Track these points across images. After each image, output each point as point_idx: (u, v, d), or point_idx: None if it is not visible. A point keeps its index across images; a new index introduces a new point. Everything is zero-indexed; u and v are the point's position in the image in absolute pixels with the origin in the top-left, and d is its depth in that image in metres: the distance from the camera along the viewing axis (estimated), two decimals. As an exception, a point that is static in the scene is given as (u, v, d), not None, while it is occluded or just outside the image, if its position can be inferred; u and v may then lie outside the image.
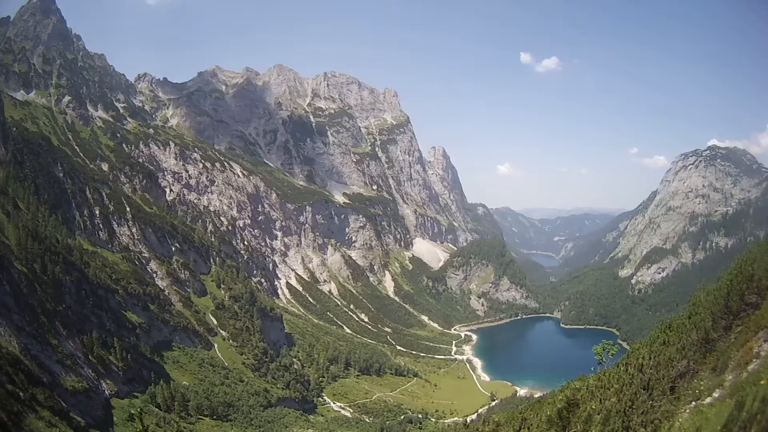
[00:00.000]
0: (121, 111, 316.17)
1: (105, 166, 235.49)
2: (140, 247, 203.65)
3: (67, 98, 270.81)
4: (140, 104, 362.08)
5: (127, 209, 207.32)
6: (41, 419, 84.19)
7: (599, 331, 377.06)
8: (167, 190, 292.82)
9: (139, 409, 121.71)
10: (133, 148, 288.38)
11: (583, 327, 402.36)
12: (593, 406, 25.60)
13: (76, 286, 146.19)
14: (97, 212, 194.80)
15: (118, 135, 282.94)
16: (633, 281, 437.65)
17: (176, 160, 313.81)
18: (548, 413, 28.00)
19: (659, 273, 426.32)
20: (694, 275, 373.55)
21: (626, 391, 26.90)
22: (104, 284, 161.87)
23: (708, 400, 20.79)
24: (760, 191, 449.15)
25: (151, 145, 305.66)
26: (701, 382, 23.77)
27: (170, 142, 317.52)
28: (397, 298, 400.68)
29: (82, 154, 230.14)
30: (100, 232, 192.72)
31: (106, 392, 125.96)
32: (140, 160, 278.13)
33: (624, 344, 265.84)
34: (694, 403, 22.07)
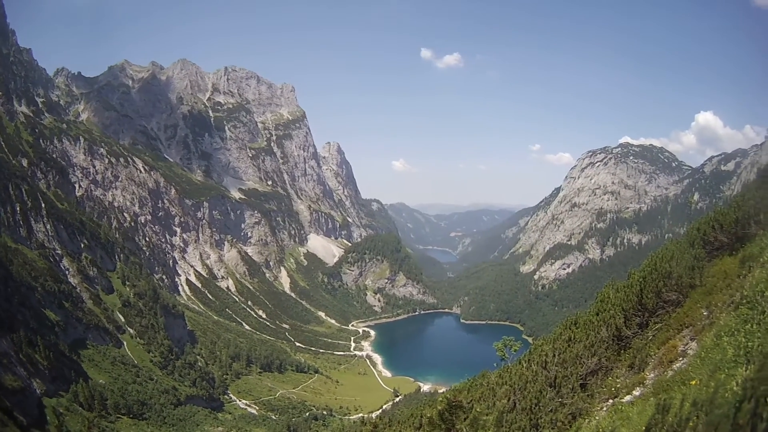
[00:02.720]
0: (40, 106, 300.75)
1: (25, 162, 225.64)
2: (54, 243, 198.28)
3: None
4: (56, 99, 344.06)
5: (43, 206, 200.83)
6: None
7: (502, 326, 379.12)
8: (77, 186, 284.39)
9: (59, 413, 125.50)
10: (48, 143, 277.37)
11: (484, 322, 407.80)
12: (478, 409, 24.49)
13: (3, 283, 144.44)
14: (18, 209, 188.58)
15: (37, 130, 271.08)
16: (536, 277, 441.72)
17: (85, 155, 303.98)
18: (429, 415, 27.12)
19: (564, 269, 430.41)
20: (603, 271, 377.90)
21: (531, 389, 26.51)
22: (26, 282, 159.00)
23: (627, 398, 20.12)
24: (680, 188, 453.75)
25: (63, 140, 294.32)
26: (617, 380, 23.44)
27: (80, 137, 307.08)
28: (293, 294, 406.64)
29: (6, 150, 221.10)
30: (20, 228, 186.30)
31: (37, 391, 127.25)
32: (54, 155, 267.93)
33: (530, 339, 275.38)
34: (611, 400, 21.59)
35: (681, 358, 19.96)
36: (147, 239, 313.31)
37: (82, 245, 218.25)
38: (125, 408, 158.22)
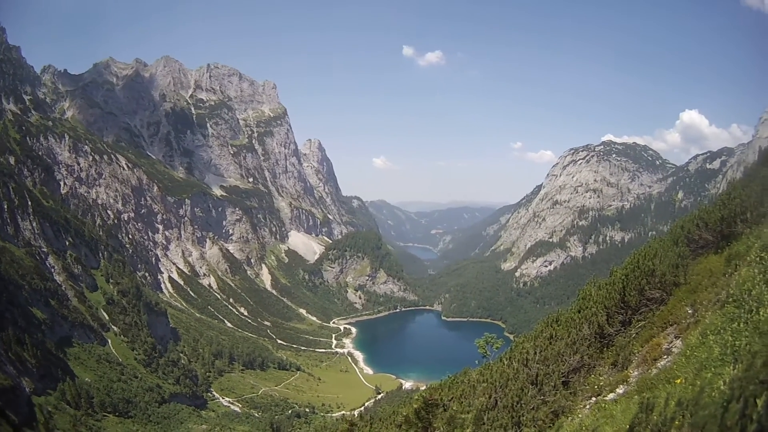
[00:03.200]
0: (28, 104, 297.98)
1: (12, 160, 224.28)
2: (40, 241, 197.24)
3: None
4: (43, 96, 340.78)
5: (29, 203, 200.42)
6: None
7: (484, 323, 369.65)
8: (61, 183, 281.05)
9: (48, 411, 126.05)
10: (35, 141, 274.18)
11: (465, 320, 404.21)
12: (455, 407, 24.33)
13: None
14: (6, 207, 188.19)
15: (24, 128, 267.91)
16: (517, 274, 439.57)
17: (70, 152, 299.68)
18: (404, 413, 26.93)
19: (546, 266, 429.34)
20: (585, 268, 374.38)
21: (512, 386, 25.74)
22: (14, 280, 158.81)
23: (610, 396, 19.85)
24: (664, 186, 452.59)
25: (49, 137, 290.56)
26: (600, 378, 23.26)
27: (65, 134, 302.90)
28: (274, 292, 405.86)
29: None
30: (7, 226, 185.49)
31: (27, 389, 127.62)
32: (40, 153, 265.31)
33: (511, 337, 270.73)
34: (594, 398, 21.26)
35: (665, 356, 19.90)
36: (130, 237, 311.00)
37: (67, 243, 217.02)
38: (111, 406, 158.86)
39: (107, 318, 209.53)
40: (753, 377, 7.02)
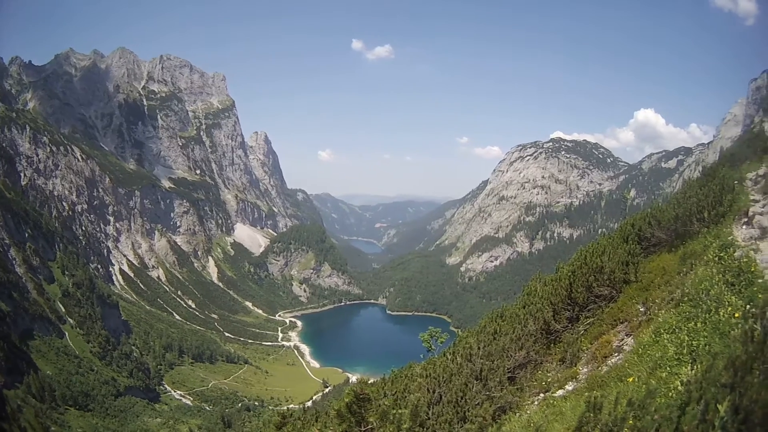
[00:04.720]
0: None
1: None
2: (2, 233, 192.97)
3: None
4: (9, 87, 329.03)
5: None
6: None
7: (429, 317, 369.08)
8: (22, 175, 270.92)
9: (18, 405, 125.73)
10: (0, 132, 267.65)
11: (411, 313, 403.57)
12: (387, 402, 21.11)
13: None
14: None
15: None
16: (462, 269, 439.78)
17: (30, 144, 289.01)
18: (336, 408, 22.15)
19: (492, 261, 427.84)
20: (532, 264, 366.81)
21: (456, 381, 24.81)
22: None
23: (559, 392, 19.60)
24: (615, 184, 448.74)
25: (12, 129, 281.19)
26: (548, 374, 23.00)
27: (27, 125, 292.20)
28: (221, 284, 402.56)
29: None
30: None
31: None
32: (4, 144, 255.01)
33: (458, 331, 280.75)
34: (542, 395, 21.06)
35: (616, 354, 19.39)
36: (83, 228, 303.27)
37: (27, 234, 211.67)
38: (71, 399, 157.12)
39: (64, 310, 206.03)
40: (713, 379, 6.65)
